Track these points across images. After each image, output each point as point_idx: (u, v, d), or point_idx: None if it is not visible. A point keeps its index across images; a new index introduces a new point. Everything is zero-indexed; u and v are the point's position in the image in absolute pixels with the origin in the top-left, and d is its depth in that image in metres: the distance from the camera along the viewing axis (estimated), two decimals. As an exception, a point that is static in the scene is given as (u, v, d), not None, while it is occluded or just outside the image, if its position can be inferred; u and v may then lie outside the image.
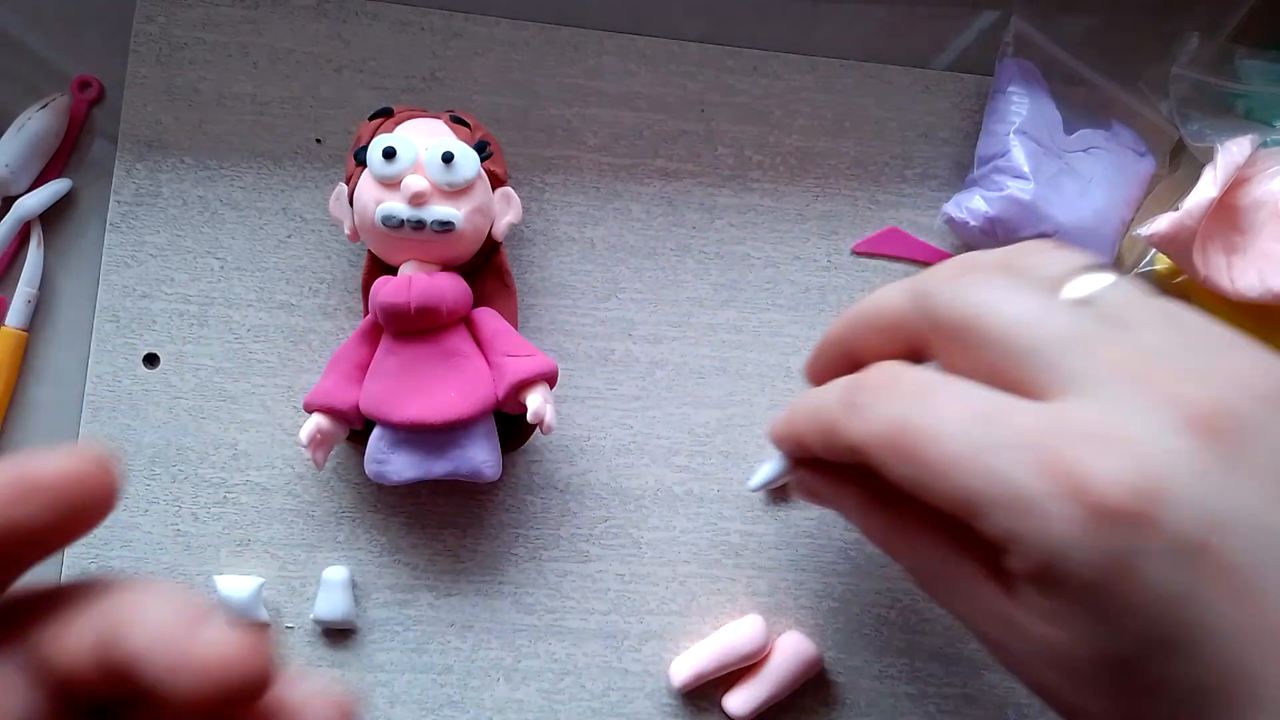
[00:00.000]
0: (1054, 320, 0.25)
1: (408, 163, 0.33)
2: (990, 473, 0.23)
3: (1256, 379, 0.24)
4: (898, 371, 0.27)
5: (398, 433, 0.34)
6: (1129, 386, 0.24)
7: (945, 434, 0.24)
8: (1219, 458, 0.23)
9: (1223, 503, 0.22)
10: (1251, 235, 0.38)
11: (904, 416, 0.25)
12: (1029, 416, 0.24)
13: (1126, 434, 0.23)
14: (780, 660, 0.37)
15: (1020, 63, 0.39)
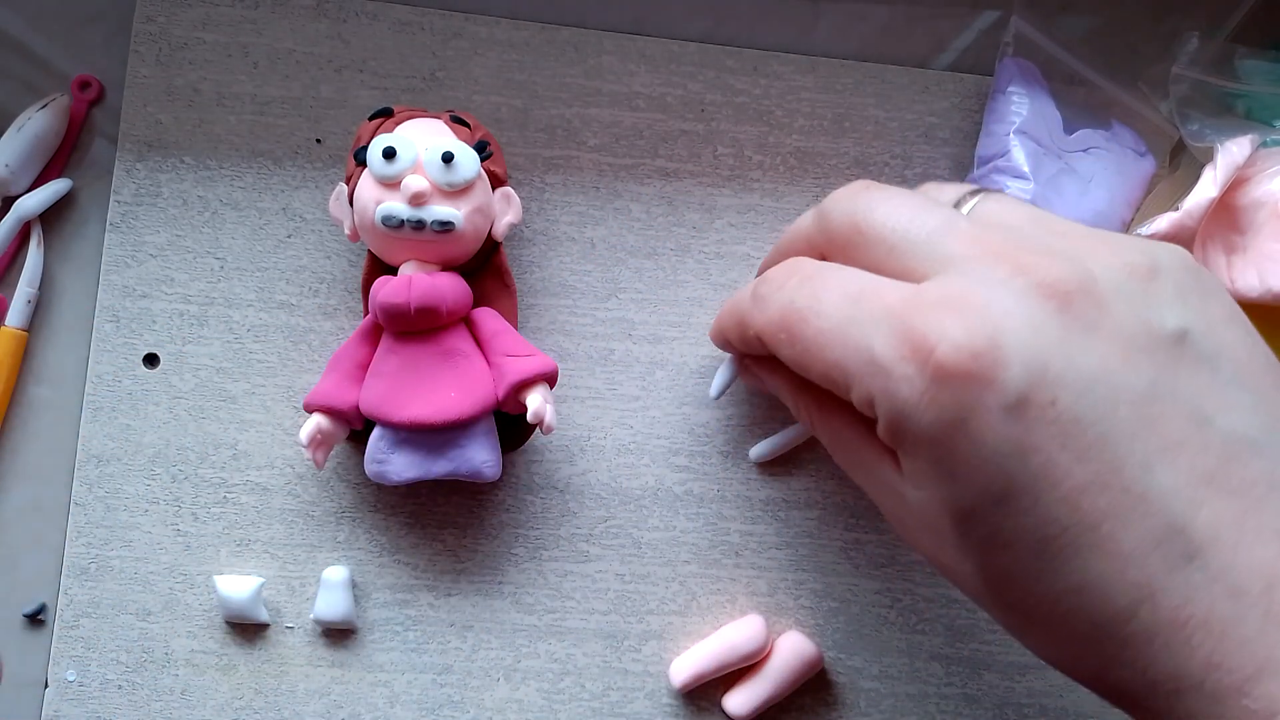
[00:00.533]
0: (928, 217, 0.27)
1: (408, 163, 0.33)
2: (853, 344, 0.26)
3: (1115, 256, 0.25)
4: (796, 264, 0.29)
5: (398, 433, 0.34)
6: (988, 263, 0.25)
7: (820, 312, 0.27)
8: (1066, 321, 0.24)
9: (1066, 362, 0.23)
10: (1251, 235, 0.38)
11: (791, 300, 0.28)
12: (894, 293, 0.26)
13: (974, 301, 0.24)
14: (780, 660, 0.37)
15: (1020, 63, 0.39)
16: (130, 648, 0.36)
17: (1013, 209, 0.28)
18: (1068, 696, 0.39)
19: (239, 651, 0.36)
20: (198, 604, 0.36)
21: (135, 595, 0.36)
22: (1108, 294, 0.24)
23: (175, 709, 0.36)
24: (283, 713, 0.36)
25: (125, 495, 0.37)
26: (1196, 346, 0.24)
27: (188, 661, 0.36)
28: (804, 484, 0.39)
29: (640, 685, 0.37)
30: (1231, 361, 0.25)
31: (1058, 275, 0.24)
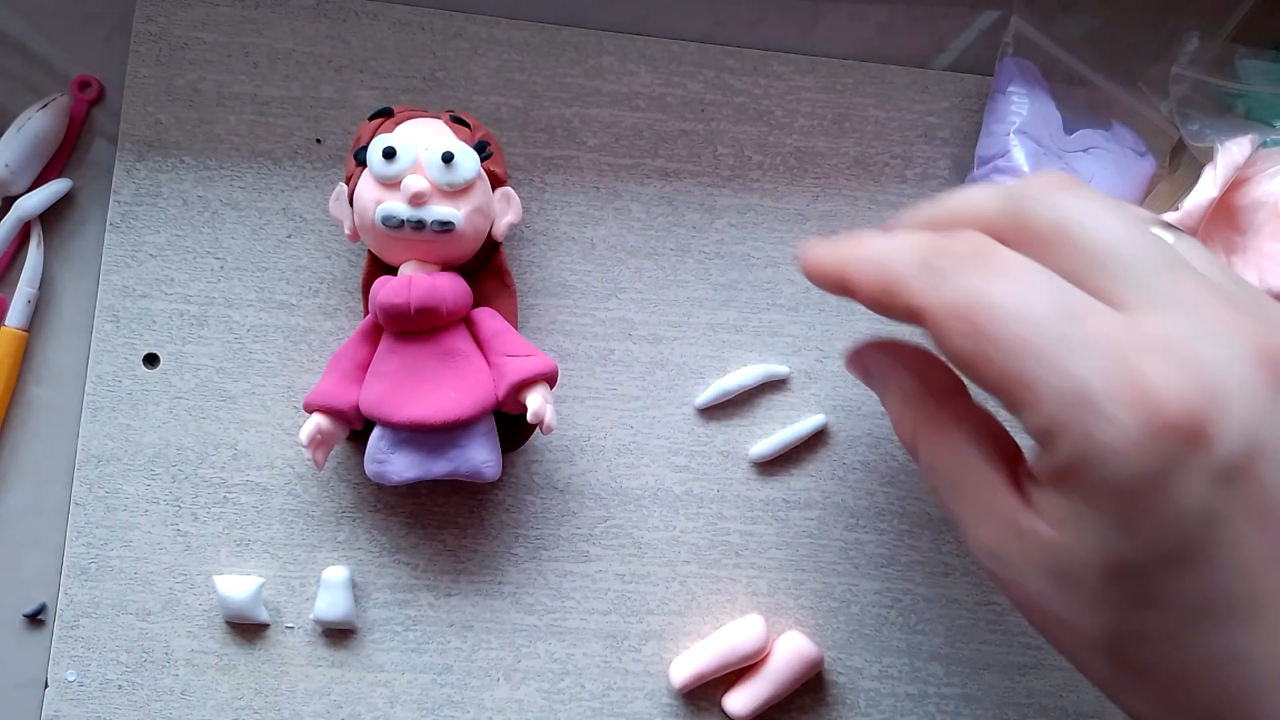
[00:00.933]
0: (1145, 242, 0.25)
1: (408, 163, 0.33)
2: (1058, 363, 0.24)
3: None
4: (988, 245, 0.27)
5: (398, 433, 0.34)
6: (1205, 314, 0.24)
7: (1024, 317, 0.24)
8: (1278, 394, 0.23)
9: (1273, 435, 0.23)
10: (1251, 235, 0.38)
11: (984, 290, 0.25)
12: (1110, 322, 0.24)
13: (1197, 354, 0.23)
14: (780, 660, 0.37)
15: (1020, 63, 0.39)
16: (130, 648, 0.36)
17: (1207, 258, 0.27)
18: (1068, 697, 0.39)
19: (239, 651, 0.36)
20: (198, 604, 0.36)
21: (135, 595, 0.36)
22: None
23: (175, 709, 0.36)
24: (283, 713, 0.36)
25: (125, 495, 0.37)
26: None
27: (188, 661, 0.36)
28: (804, 484, 0.39)
29: (640, 685, 0.37)
30: None
31: (1272, 344, 0.24)
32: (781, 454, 0.38)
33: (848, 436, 0.39)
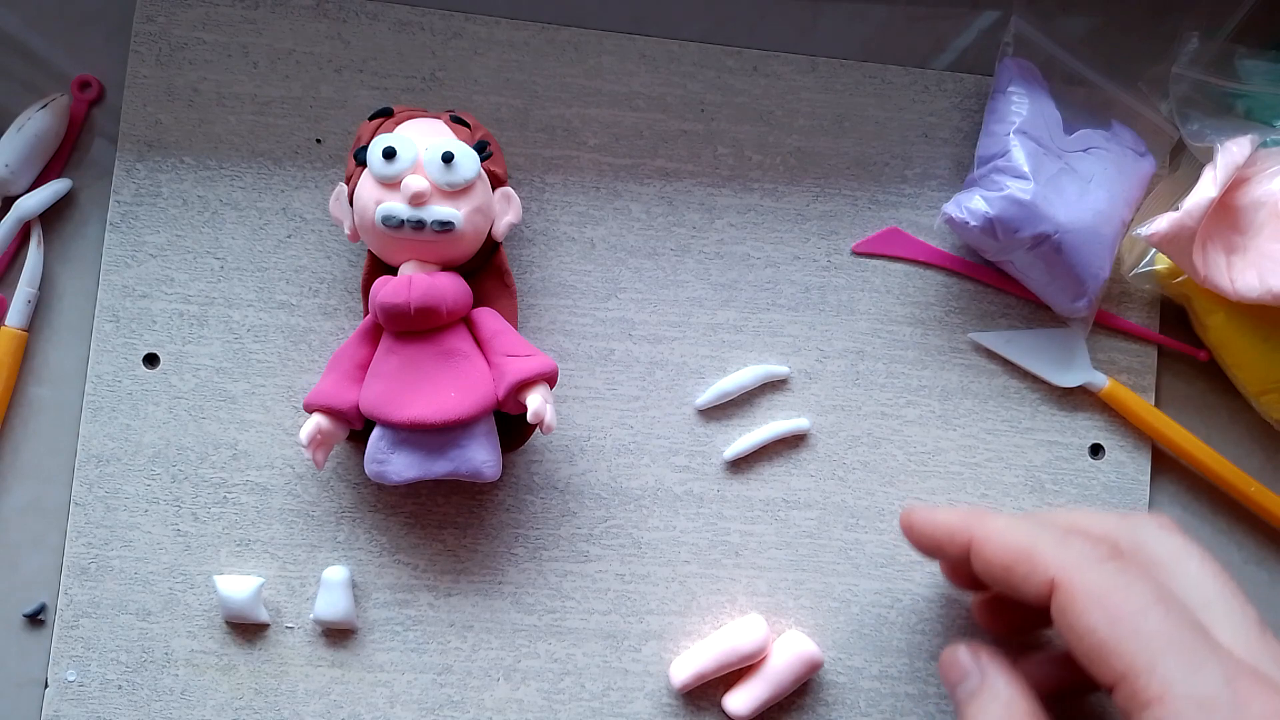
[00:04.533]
0: (1248, 602, 0.29)
1: (408, 163, 0.33)
2: (1196, 670, 0.25)
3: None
4: (1120, 548, 0.29)
5: (398, 433, 0.34)
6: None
7: (1165, 616, 0.26)
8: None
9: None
10: (1251, 235, 0.38)
11: (1129, 583, 0.27)
12: (1227, 650, 0.26)
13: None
14: (780, 660, 0.37)
15: (1020, 63, 0.39)
16: (130, 648, 0.36)
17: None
18: (1068, 696, 0.39)
19: (239, 651, 0.36)
20: (198, 604, 0.36)
21: (135, 595, 0.36)
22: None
23: (175, 709, 0.36)
24: (282, 713, 0.36)
25: (125, 495, 0.37)
26: None
27: (188, 661, 0.36)
28: (804, 484, 0.39)
29: (640, 685, 0.37)
30: None
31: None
32: (753, 452, 0.38)
33: (848, 437, 0.39)
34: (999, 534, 0.31)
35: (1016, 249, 0.37)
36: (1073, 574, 0.28)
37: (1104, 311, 0.40)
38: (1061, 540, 0.29)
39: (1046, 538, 0.30)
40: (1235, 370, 0.40)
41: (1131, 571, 0.28)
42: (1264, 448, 0.41)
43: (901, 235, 0.40)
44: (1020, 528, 0.31)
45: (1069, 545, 0.29)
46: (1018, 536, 0.30)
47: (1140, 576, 0.28)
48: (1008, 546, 0.30)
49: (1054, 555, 0.29)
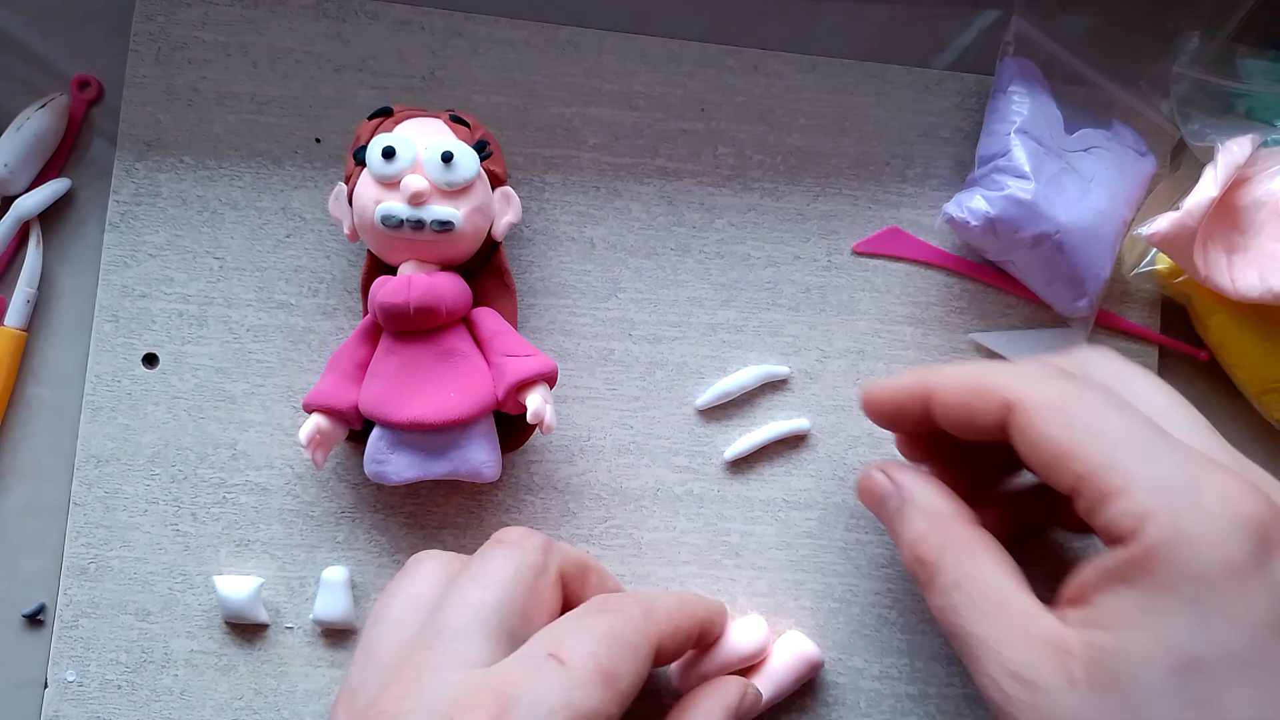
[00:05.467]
0: (1191, 409, 0.30)
1: (407, 162, 0.33)
2: (1151, 457, 0.26)
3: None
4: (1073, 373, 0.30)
5: (397, 433, 0.34)
6: (1257, 475, 0.28)
7: (1118, 414, 0.27)
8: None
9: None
10: (1252, 235, 0.38)
11: (1078, 391, 0.28)
12: (1187, 444, 0.27)
13: (1256, 483, 0.26)
14: (780, 661, 0.37)
15: (1021, 62, 0.39)
16: (130, 648, 0.36)
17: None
18: (1068, 697, 0.39)
19: (239, 651, 0.36)
20: (197, 604, 0.36)
21: (135, 595, 0.36)
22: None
23: (175, 709, 0.36)
24: (282, 713, 0.36)
25: (125, 495, 0.37)
26: None
27: (187, 661, 0.36)
28: (804, 484, 0.39)
29: (640, 685, 0.37)
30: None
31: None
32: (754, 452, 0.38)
33: (848, 437, 0.39)
34: (952, 377, 0.31)
35: (1017, 249, 0.37)
36: (1026, 391, 0.29)
37: (1104, 311, 0.40)
38: (1012, 368, 0.31)
39: (998, 369, 0.31)
40: (1235, 370, 0.40)
41: (1084, 383, 0.29)
42: (1264, 448, 0.41)
43: (902, 235, 0.40)
44: (972, 367, 0.32)
45: (1020, 370, 0.30)
46: (970, 374, 0.31)
47: (1093, 386, 0.28)
48: (962, 384, 0.31)
49: (1007, 380, 0.29)
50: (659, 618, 0.30)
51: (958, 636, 0.29)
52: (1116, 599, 0.25)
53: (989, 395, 0.29)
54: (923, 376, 0.32)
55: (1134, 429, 0.27)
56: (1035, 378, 0.29)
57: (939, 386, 0.31)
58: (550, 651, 0.27)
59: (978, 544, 0.30)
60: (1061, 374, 0.29)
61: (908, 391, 0.33)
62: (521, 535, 0.31)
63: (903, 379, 0.33)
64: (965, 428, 0.31)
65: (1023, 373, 0.30)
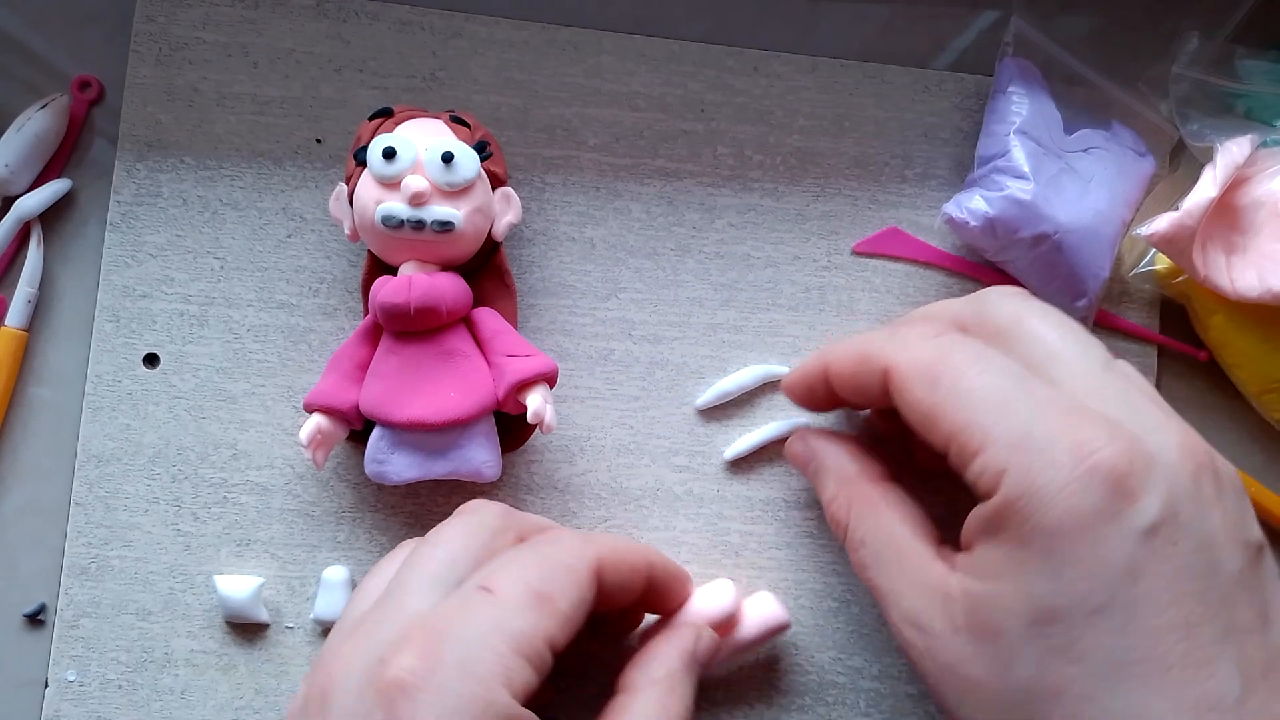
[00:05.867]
0: (1090, 345, 0.29)
1: (408, 163, 0.33)
2: (1009, 413, 0.27)
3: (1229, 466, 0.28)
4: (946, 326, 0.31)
5: (398, 433, 0.34)
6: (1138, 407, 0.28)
7: (980, 373, 0.28)
8: (1196, 485, 0.26)
9: (1192, 516, 0.25)
10: (1251, 235, 0.38)
11: (948, 351, 0.29)
12: (1054, 392, 0.27)
13: (1129, 428, 0.26)
14: (746, 620, 0.36)
15: (1020, 62, 0.39)
16: (130, 648, 0.36)
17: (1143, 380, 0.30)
18: (1068, 696, 0.39)
19: (239, 651, 0.36)
20: (198, 604, 0.36)
21: (135, 595, 0.36)
22: (1224, 483, 0.27)
23: (175, 709, 0.36)
24: (283, 713, 0.36)
25: (125, 495, 0.37)
26: (1266, 559, 0.27)
27: (188, 661, 0.36)
28: (804, 484, 0.39)
29: (640, 685, 0.37)
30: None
31: (1194, 445, 0.27)
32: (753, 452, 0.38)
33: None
34: (843, 350, 0.32)
35: (1016, 249, 0.37)
36: (900, 356, 0.30)
37: (1104, 311, 0.40)
38: (892, 334, 0.31)
39: (880, 337, 0.31)
40: (1235, 370, 0.40)
41: (952, 340, 0.29)
42: (1264, 448, 0.41)
43: (902, 235, 0.40)
44: (859, 338, 0.33)
45: (897, 335, 0.31)
46: (856, 344, 0.32)
47: (960, 343, 0.29)
48: (849, 356, 0.32)
49: (885, 347, 0.30)
50: (599, 543, 0.30)
51: (870, 588, 0.31)
52: (987, 550, 0.27)
53: (871, 364, 0.31)
54: (822, 353, 0.34)
55: (996, 385, 0.27)
56: (911, 341, 0.30)
57: (832, 361, 0.33)
58: (481, 584, 0.27)
59: (880, 499, 0.32)
60: (940, 331, 0.30)
61: (812, 371, 0.34)
62: (479, 504, 0.31)
63: (809, 359, 0.34)
64: (860, 397, 0.32)
65: (902, 337, 0.31)
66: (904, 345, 0.30)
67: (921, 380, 0.29)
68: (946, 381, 0.28)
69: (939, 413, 0.28)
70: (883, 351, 0.30)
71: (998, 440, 0.26)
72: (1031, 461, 0.26)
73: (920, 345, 0.30)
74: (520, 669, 0.25)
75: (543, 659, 0.26)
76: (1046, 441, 0.26)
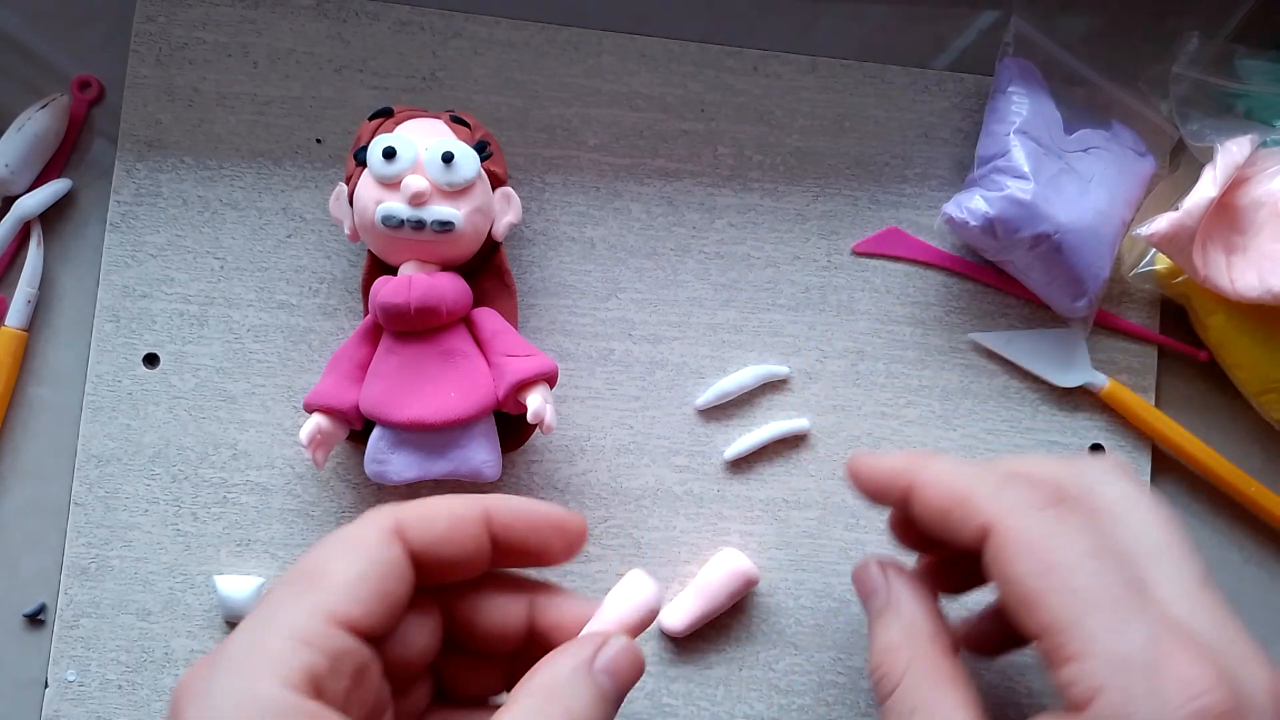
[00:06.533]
0: (1194, 554, 0.27)
1: (408, 163, 0.33)
2: (1117, 624, 0.25)
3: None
4: (1065, 493, 0.28)
5: (398, 433, 0.34)
6: (1233, 636, 0.26)
7: (1095, 571, 0.25)
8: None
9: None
10: (1251, 235, 0.38)
11: (1062, 533, 0.26)
12: (1166, 614, 0.25)
13: (1230, 669, 0.25)
14: (715, 575, 0.37)
15: (1020, 63, 0.39)
16: (130, 648, 0.36)
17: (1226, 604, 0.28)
18: (1068, 696, 0.39)
19: (239, 651, 0.36)
20: (198, 604, 0.36)
21: (135, 595, 0.36)
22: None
23: (175, 709, 0.36)
24: (283, 713, 0.36)
25: (125, 495, 0.37)
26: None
27: (188, 661, 0.36)
28: (804, 484, 0.39)
29: (640, 685, 0.37)
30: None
31: (1277, 684, 0.25)
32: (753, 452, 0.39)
33: (848, 437, 0.39)
34: (938, 478, 0.29)
35: (1016, 249, 0.37)
36: (1007, 520, 0.27)
37: (1104, 311, 0.40)
38: (1000, 485, 0.28)
39: (986, 482, 0.28)
40: (1235, 370, 0.40)
41: (1069, 520, 0.27)
42: (1264, 448, 0.41)
43: (901, 235, 0.40)
44: (960, 471, 0.29)
45: (1006, 491, 0.28)
46: (956, 481, 0.29)
47: (1077, 526, 0.27)
48: (945, 491, 0.29)
49: (990, 500, 0.28)
50: (407, 506, 0.26)
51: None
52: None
53: (969, 512, 0.28)
54: (910, 465, 0.30)
55: (1107, 588, 0.25)
56: (1020, 504, 0.27)
57: (922, 485, 0.30)
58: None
59: (945, 675, 0.29)
60: (1051, 503, 0.27)
61: (891, 478, 0.31)
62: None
63: (891, 461, 0.31)
64: (943, 535, 0.29)
65: (1009, 495, 0.28)
66: (1015, 506, 0.27)
67: (1030, 559, 0.26)
68: (1058, 571, 0.26)
69: (1041, 601, 0.26)
70: (987, 504, 0.28)
71: (1100, 654, 0.24)
72: (1134, 688, 0.24)
73: (1034, 515, 0.27)
74: (293, 653, 0.23)
75: (324, 635, 0.23)
76: (1153, 669, 0.24)
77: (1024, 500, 0.27)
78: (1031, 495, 0.27)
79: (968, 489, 0.28)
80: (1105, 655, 0.24)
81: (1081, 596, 0.25)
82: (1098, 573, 0.25)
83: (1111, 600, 0.25)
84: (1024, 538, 0.26)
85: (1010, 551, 0.26)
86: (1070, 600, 0.25)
